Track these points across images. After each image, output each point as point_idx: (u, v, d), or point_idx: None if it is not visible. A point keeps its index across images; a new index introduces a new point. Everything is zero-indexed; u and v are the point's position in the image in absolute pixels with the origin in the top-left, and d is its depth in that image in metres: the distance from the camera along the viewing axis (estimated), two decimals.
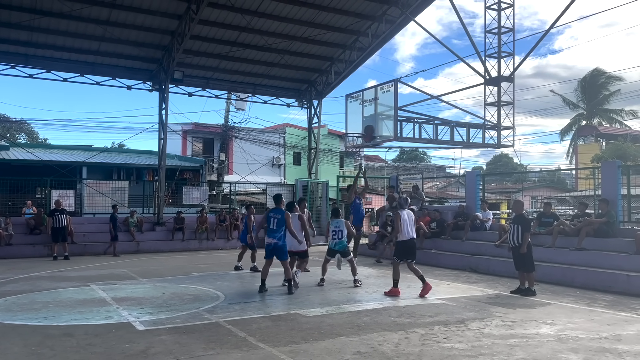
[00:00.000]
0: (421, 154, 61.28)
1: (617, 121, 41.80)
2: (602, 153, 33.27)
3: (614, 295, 9.03)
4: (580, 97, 42.01)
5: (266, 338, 6.05)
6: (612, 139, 37.03)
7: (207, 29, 17.32)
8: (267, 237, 9.36)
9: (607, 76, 41.17)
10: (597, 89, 41.34)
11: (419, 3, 16.91)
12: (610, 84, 41.16)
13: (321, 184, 22.53)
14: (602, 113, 42.11)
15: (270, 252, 9.31)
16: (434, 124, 15.55)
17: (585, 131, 40.56)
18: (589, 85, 41.23)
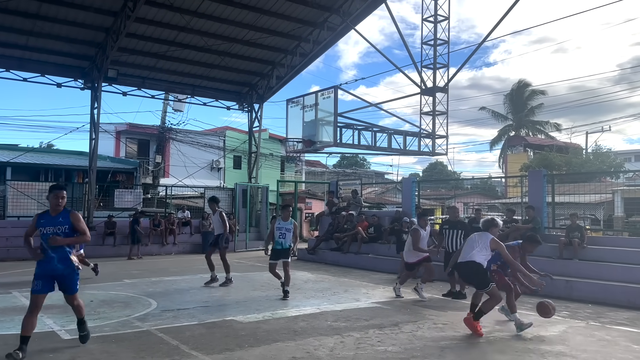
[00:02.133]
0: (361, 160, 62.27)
1: (543, 132, 44.26)
2: (529, 162, 35.06)
3: (539, 298, 9.49)
4: (508, 109, 44.18)
5: (199, 346, 5.90)
6: (539, 149, 39.15)
7: (144, 27, 16.80)
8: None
9: (531, 90, 43.58)
10: (524, 101, 43.65)
11: (359, 12, 17.19)
12: (535, 97, 43.59)
13: (261, 188, 22.38)
14: (529, 124, 44.46)
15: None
16: (373, 131, 15.86)
17: (514, 141, 42.66)
18: (516, 97, 43.47)
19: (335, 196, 18.29)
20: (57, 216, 5.65)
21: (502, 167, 43.56)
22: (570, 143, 41.93)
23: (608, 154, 38.40)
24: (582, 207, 16.75)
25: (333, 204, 17.68)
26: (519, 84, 44.06)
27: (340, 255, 15.18)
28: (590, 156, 37.34)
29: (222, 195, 22.97)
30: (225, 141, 33.52)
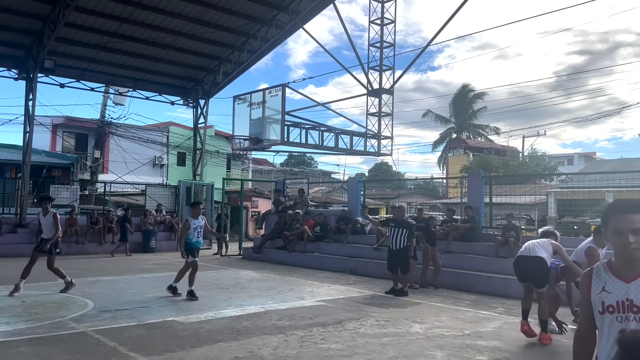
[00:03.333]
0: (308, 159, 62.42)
1: (483, 136, 45.98)
2: (469, 164, 36.32)
3: (476, 295, 9.87)
4: (451, 112, 45.61)
5: (138, 347, 5.73)
6: (479, 151, 40.62)
7: (84, 17, 16.10)
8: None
9: (473, 94, 45.18)
10: (466, 105, 45.19)
11: (308, 11, 17.21)
12: (476, 102, 45.23)
13: (206, 186, 21.98)
14: (470, 128, 46.07)
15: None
16: (320, 130, 15.95)
17: (455, 144, 44.08)
18: (459, 101, 44.95)
19: (282, 195, 18.24)
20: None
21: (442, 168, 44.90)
22: (507, 146, 43.78)
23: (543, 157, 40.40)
24: (517, 207, 17.53)
25: (280, 203, 17.63)
26: (463, 88, 45.54)
27: (286, 254, 15.16)
28: (527, 159, 39.11)
29: (165, 192, 22.41)
30: (169, 137, 32.66)
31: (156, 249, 18.31)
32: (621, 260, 2.19)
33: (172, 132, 32.63)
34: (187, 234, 9.12)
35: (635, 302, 2.11)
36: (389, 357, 5.60)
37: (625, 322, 2.12)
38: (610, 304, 2.17)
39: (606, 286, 2.20)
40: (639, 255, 2.12)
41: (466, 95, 45.32)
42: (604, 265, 2.27)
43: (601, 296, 2.20)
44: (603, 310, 2.18)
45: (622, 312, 2.14)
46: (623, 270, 2.18)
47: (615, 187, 16.84)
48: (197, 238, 9.27)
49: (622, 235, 2.11)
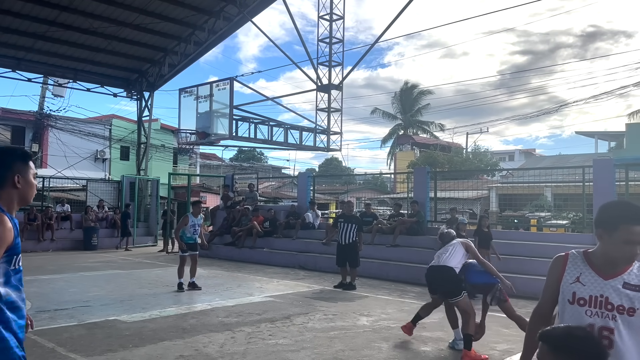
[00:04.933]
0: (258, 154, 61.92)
1: (429, 132, 47.10)
2: (416, 160, 37.13)
3: (421, 287, 10.08)
4: (398, 108, 46.42)
5: (79, 348, 5.52)
6: (425, 147, 41.59)
7: (20, 5, 15.26)
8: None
9: (418, 91, 46.18)
10: (412, 102, 46.13)
11: (256, 4, 17.04)
12: (422, 98, 46.25)
13: (151, 181, 21.40)
14: (416, 124, 47.07)
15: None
16: (269, 125, 15.85)
17: (402, 140, 44.93)
18: (405, 98, 45.82)
19: (231, 190, 18.02)
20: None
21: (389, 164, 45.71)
22: (452, 143, 45.06)
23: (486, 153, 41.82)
24: (461, 202, 18.10)
25: (228, 198, 17.41)
26: (407, 85, 46.42)
27: (234, 250, 15.00)
28: (470, 155, 40.39)
29: (107, 188, 21.65)
30: (112, 130, 31.52)
31: (98, 247, 17.68)
32: (605, 258, 2.16)
33: (115, 125, 31.47)
34: (183, 229, 9.56)
35: (611, 299, 2.10)
36: (336, 351, 5.65)
37: (595, 317, 2.12)
38: (582, 297, 2.15)
39: (581, 277, 2.18)
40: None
41: (411, 92, 46.23)
42: (581, 255, 2.24)
43: (574, 286, 2.18)
44: (573, 300, 2.17)
45: (593, 307, 2.13)
46: (603, 266, 2.16)
47: (553, 182, 17.66)
48: (193, 235, 9.63)
49: (632, 246, 2.08)
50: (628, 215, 2.09)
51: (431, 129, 47.06)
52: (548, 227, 13.98)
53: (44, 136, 27.64)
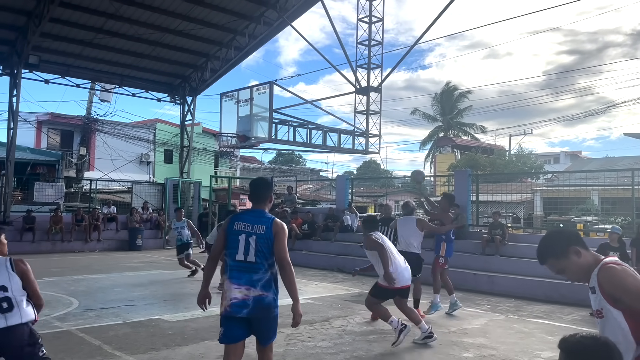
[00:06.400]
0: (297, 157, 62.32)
1: (470, 134, 46.26)
2: (457, 162, 36.53)
3: (463, 292, 9.90)
4: (438, 110, 45.76)
5: (124, 346, 5.68)
6: (466, 150, 40.86)
7: (69, 13, 15.89)
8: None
9: (459, 93, 45.37)
10: (453, 103, 45.40)
11: (296, 8, 17.16)
12: (463, 100, 45.44)
13: (193, 183, 21.87)
14: (457, 126, 46.31)
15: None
16: (308, 127, 15.91)
17: (442, 142, 44.30)
18: (445, 99, 45.13)
19: None
20: None
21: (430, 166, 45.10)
22: (494, 145, 44.09)
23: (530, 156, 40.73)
24: (504, 205, 17.67)
25: None
26: (447, 86, 45.68)
27: None
28: (513, 158, 39.43)
29: (152, 190, 22.24)
30: (156, 134, 32.41)
31: (142, 247, 18.18)
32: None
33: (159, 129, 32.38)
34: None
35: (594, 307, 2.30)
36: (375, 355, 5.61)
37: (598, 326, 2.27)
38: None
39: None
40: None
41: (452, 93, 45.50)
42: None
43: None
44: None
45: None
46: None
47: (601, 186, 17.04)
48: (179, 237, 11.41)
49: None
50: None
51: (472, 131, 46.22)
52: (595, 232, 13.49)
53: (92, 140, 28.67)
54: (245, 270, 3.57)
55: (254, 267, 3.57)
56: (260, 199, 3.80)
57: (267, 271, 3.61)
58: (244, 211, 3.93)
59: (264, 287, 3.59)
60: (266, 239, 3.60)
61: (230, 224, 3.68)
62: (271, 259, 3.62)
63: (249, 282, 3.54)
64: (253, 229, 3.61)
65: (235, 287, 3.55)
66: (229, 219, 3.72)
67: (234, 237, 3.62)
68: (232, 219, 3.71)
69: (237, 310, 3.55)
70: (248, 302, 3.53)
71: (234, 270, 3.60)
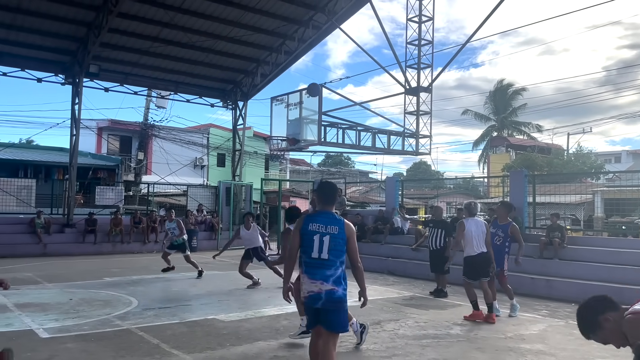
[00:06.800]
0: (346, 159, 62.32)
1: (525, 133, 44.78)
2: (511, 163, 35.47)
3: (519, 297, 9.57)
4: (491, 109, 44.55)
5: (181, 344, 5.85)
6: (522, 149, 39.60)
7: (126, 23, 16.58)
8: None
9: (513, 90, 43.94)
10: (507, 102, 44.06)
11: (344, 11, 17.19)
12: (517, 98, 44.01)
13: (245, 186, 22.28)
14: (511, 125, 44.94)
15: None
16: (357, 130, 15.88)
17: (496, 142, 43.10)
18: (499, 98, 43.86)
19: None
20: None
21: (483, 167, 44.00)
22: (552, 144, 42.48)
23: (589, 155, 39.02)
24: (562, 207, 16.97)
25: None
26: (501, 84, 44.38)
27: None
28: (572, 157, 37.87)
29: (206, 193, 22.82)
30: (209, 139, 33.28)
31: (197, 248, 18.66)
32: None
33: (212, 134, 33.23)
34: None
35: None
36: (429, 359, 5.52)
37: None
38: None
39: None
40: None
41: (506, 91, 44.17)
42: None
43: None
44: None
45: None
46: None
47: None
48: (172, 237, 11.98)
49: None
50: None
51: (528, 130, 44.71)
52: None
53: (149, 145, 29.76)
54: (319, 267, 4.02)
55: (327, 263, 4.01)
56: (330, 202, 4.24)
57: (339, 268, 4.05)
58: (315, 213, 4.25)
59: (335, 282, 4.01)
60: (340, 238, 4.05)
61: (304, 225, 4.10)
62: (342, 257, 4.08)
63: (323, 277, 4.01)
64: (326, 230, 4.05)
65: (310, 282, 4.04)
66: (302, 220, 4.13)
67: (309, 236, 4.05)
68: (306, 221, 4.13)
69: (312, 302, 4.04)
70: (321, 295, 3.99)
71: (310, 266, 4.08)
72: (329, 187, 4.36)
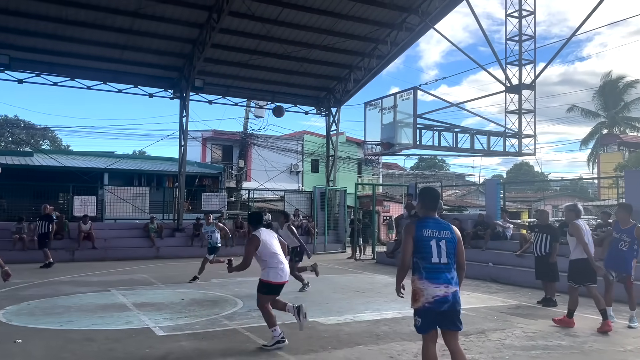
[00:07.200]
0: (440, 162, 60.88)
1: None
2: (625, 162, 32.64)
3: None
4: (600, 105, 41.23)
5: (284, 346, 6.03)
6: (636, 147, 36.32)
7: (227, 38, 17.50)
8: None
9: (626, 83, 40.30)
10: (617, 96, 40.54)
11: (438, 11, 16.87)
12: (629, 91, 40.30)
13: (339, 191, 22.53)
14: (623, 121, 41.31)
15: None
16: (454, 131, 15.46)
17: (607, 140, 39.82)
18: (609, 92, 40.45)
19: (414, 199, 18.01)
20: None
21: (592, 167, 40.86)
22: None
23: None
24: None
25: (412, 207, 17.36)
26: (609, 77, 40.88)
27: None
28: None
29: (301, 198, 23.38)
30: (304, 145, 34.10)
31: None
32: None
33: (306, 141, 34.03)
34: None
35: None
36: None
37: None
38: None
39: None
40: None
41: (616, 84, 40.63)
42: None
43: None
44: None
45: None
46: None
47: None
48: (209, 239, 12.07)
49: None
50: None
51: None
52: None
53: (248, 153, 31.11)
54: (442, 271, 4.14)
55: (448, 267, 4.17)
56: (434, 207, 4.39)
57: (455, 269, 4.22)
58: (424, 219, 4.32)
59: (456, 283, 4.19)
60: (453, 242, 4.23)
61: (418, 231, 4.20)
62: (455, 259, 4.24)
63: (446, 281, 4.13)
64: (440, 235, 4.20)
65: (434, 286, 4.12)
66: (415, 227, 4.21)
67: (426, 242, 4.17)
68: (418, 227, 4.22)
69: (439, 306, 4.10)
70: (448, 298, 4.11)
71: (431, 271, 4.16)
72: (432, 193, 4.50)
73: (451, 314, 4.16)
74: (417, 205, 4.63)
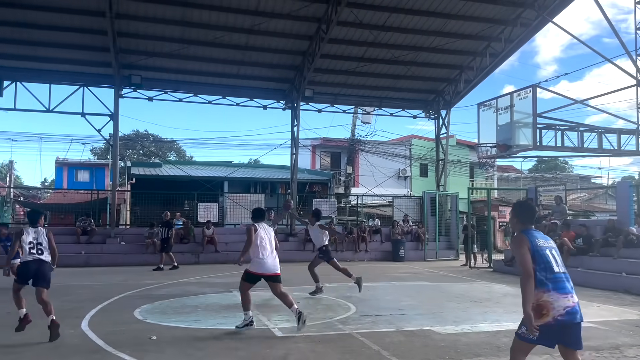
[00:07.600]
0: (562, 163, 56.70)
1: None
2: None
3: None
4: None
5: (399, 353, 5.98)
6: None
7: (335, 47, 17.85)
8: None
9: None
10: None
11: (557, 4, 15.82)
12: None
13: (450, 196, 21.89)
14: None
15: None
16: (579, 130, 14.38)
17: None
18: None
19: (535, 203, 16.96)
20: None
21: None
22: None
23: None
24: None
25: None
26: None
27: None
28: None
29: (410, 203, 23.06)
30: (411, 150, 33.64)
31: (405, 258, 18.95)
32: None
33: (414, 145, 33.54)
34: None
35: None
36: None
37: None
38: None
39: None
40: None
41: None
42: None
43: None
44: None
45: None
46: None
47: None
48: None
49: None
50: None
51: None
52: None
53: (356, 159, 31.39)
54: (565, 280, 3.96)
55: (567, 276, 4.01)
56: (532, 220, 4.25)
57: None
58: (529, 230, 4.14)
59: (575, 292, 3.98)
60: (557, 251, 4.12)
61: (532, 241, 4.00)
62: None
63: (571, 290, 3.95)
64: (549, 244, 4.06)
65: (563, 297, 3.88)
66: (527, 237, 3.99)
67: (543, 252, 3.99)
68: (531, 237, 4.02)
69: (572, 317, 3.84)
70: (576, 308, 3.88)
71: (557, 282, 3.95)
72: (529, 207, 4.41)
73: (577, 328, 3.88)
74: (512, 220, 4.38)
